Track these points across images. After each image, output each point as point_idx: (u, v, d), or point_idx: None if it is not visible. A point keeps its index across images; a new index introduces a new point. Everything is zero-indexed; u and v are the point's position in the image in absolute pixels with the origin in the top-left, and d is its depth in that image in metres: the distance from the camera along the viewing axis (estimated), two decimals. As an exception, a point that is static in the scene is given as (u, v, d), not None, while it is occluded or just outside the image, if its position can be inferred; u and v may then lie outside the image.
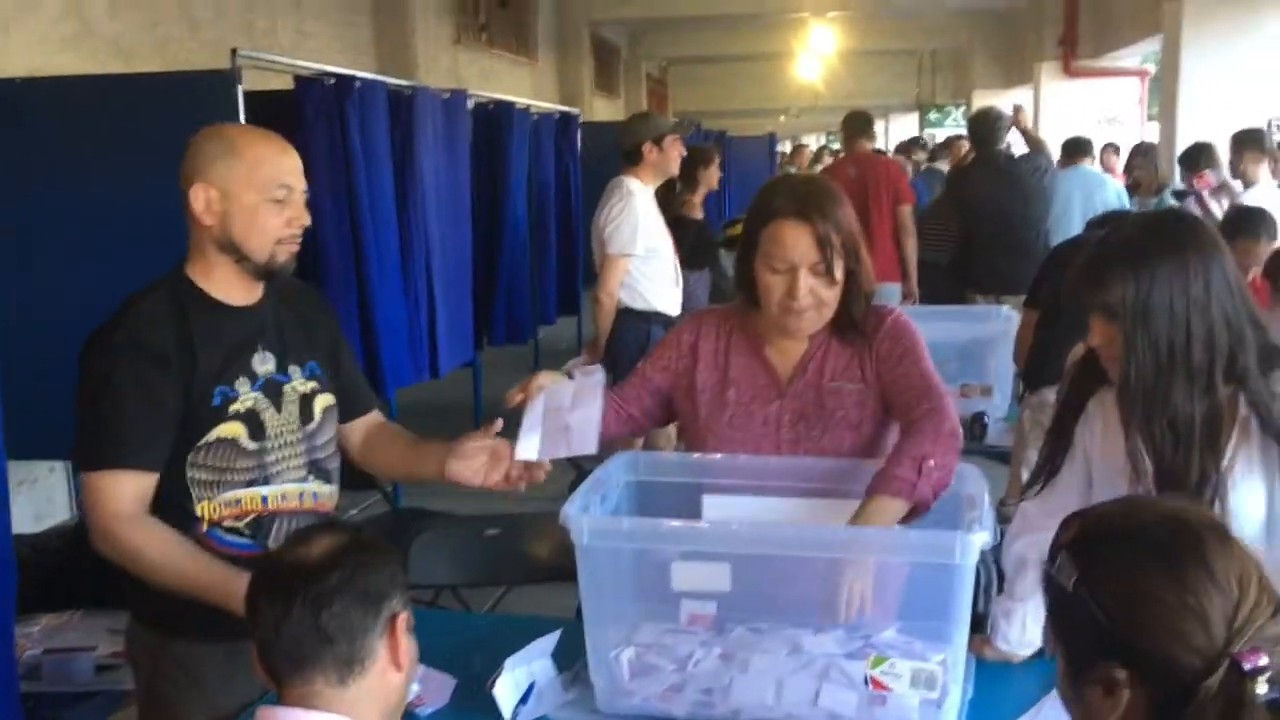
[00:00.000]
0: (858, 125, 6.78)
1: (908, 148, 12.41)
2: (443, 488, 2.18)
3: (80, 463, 1.98)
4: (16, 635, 2.35)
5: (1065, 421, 1.98)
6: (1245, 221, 4.29)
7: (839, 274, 2.07)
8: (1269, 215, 4.31)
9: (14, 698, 2.21)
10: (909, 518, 1.91)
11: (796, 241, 2.05)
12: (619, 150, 4.86)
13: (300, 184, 2.05)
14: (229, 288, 2.05)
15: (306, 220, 2.06)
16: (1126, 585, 1.09)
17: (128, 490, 1.95)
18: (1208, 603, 1.06)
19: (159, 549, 1.95)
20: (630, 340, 4.81)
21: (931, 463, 1.90)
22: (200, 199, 1.98)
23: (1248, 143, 5.85)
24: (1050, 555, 1.17)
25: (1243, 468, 1.80)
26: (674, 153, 4.84)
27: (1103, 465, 1.93)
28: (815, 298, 2.08)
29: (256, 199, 1.99)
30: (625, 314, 4.78)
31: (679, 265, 5.01)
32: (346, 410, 2.24)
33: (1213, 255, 1.76)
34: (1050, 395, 3.66)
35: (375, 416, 2.35)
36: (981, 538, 1.71)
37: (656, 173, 4.86)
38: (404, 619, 1.46)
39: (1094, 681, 1.11)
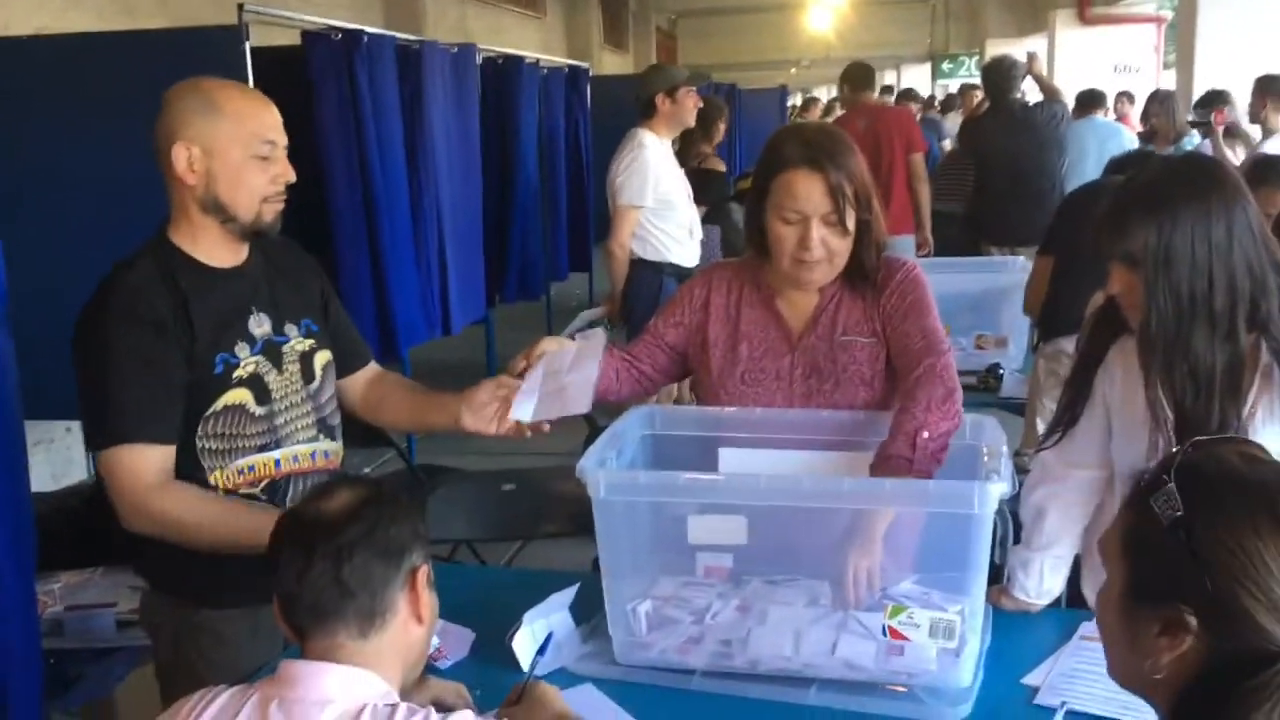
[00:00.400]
0: (860, 78, 6.62)
1: (903, 99, 12.21)
2: (456, 444, 2.19)
3: (94, 442, 1.94)
4: (38, 593, 2.37)
5: (1085, 371, 1.97)
6: (1267, 170, 4.22)
7: (851, 224, 2.05)
8: None
9: (36, 654, 2.23)
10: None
11: (809, 191, 2.03)
12: (636, 103, 4.85)
13: (282, 139, 2.00)
14: (215, 250, 2.01)
15: (291, 176, 2.01)
16: (1233, 539, 1.04)
17: (151, 462, 1.91)
18: None
19: (194, 510, 1.93)
20: (644, 291, 4.84)
21: (925, 434, 1.87)
22: (182, 158, 1.92)
23: (1271, 89, 5.75)
24: (1150, 481, 1.12)
25: (1264, 415, 1.78)
26: (688, 104, 4.83)
27: (1123, 414, 1.91)
28: (827, 249, 2.06)
29: (241, 156, 1.94)
30: (638, 265, 4.81)
31: (698, 217, 5.01)
32: (343, 365, 2.22)
33: (1235, 200, 1.74)
34: (1065, 344, 3.64)
35: (374, 368, 2.32)
36: (1000, 488, 1.70)
37: (671, 124, 4.86)
38: (424, 572, 1.46)
39: (1155, 618, 1.08)
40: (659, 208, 4.77)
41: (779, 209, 2.06)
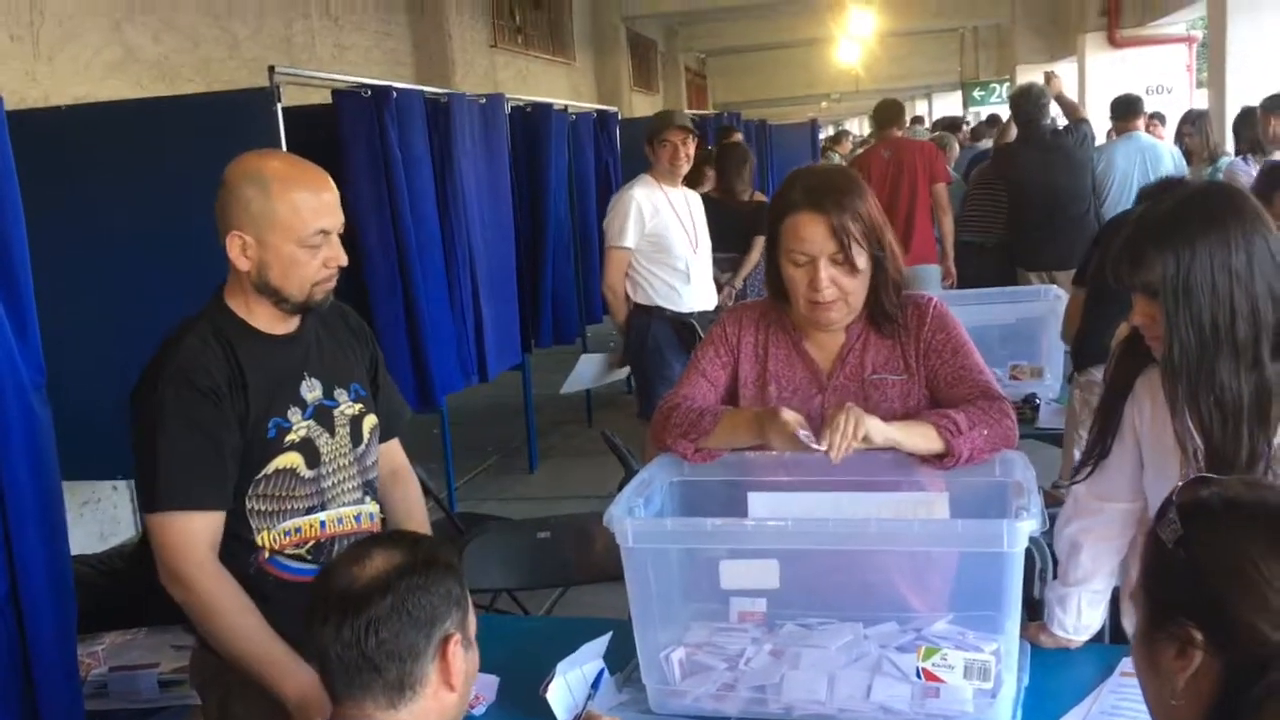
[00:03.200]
0: (889, 114, 6.86)
1: (941, 129, 12.16)
2: (497, 489, 2.19)
3: (145, 504, 1.96)
4: (82, 654, 2.40)
5: (1112, 402, 1.95)
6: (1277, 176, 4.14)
7: (860, 263, 2.06)
8: None
9: (79, 716, 2.25)
10: (932, 462, 1.97)
11: (813, 233, 2.05)
12: None
13: (336, 222, 2.01)
14: (269, 321, 2.05)
15: (343, 259, 2.02)
16: (1226, 551, 1.07)
17: (200, 532, 1.94)
18: None
19: (233, 610, 1.94)
20: (634, 335, 4.84)
21: (986, 432, 1.96)
22: (236, 246, 1.97)
23: (1274, 108, 5.69)
24: (1160, 510, 1.16)
25: (1295, 443, 1.75)
26: (662, 154, 4.83)
27: (1153, 445, 1.89)
28: (839, 288, 2.07)
29: (293, 250, 1.97)
30: (634, 308, 4.83)
31: (703, 261, 5.01)
32: (382, 431, 2.24)
33: (1255, 228, 1.71)
34: (1097, 374, 3.59)
35: (400, 461, 2.33)
36: (1029, 525, 1.69)
37: (661, 170, 4.87)
38: (457, 640, 1.44)
39: (1168, 639, 1.10)
40: (649, 250, 4.77)
41: (789, 252, 2.09)
